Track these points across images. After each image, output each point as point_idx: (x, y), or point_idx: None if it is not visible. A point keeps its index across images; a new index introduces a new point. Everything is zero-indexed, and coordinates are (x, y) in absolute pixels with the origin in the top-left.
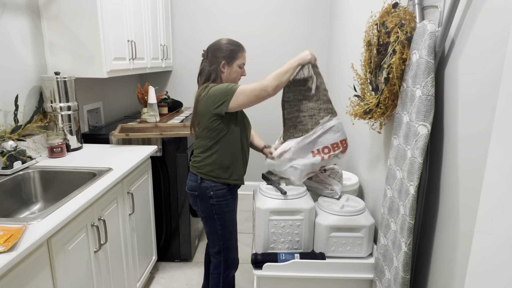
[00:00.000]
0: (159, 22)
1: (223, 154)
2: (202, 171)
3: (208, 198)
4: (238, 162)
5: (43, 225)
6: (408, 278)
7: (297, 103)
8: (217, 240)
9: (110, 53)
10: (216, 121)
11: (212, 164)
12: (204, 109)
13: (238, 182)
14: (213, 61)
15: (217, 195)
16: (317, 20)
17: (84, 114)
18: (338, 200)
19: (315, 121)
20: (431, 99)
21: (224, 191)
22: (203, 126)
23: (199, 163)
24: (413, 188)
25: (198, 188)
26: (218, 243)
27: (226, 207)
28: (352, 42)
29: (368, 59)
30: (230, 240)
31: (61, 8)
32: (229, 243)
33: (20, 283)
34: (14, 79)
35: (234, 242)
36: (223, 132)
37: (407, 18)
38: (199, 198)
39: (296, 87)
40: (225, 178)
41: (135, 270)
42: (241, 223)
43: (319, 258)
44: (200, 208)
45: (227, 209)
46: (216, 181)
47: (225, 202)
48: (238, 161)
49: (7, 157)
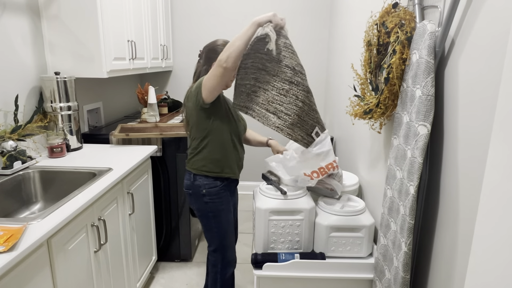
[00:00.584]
0: (159, 22)
1: (213, 149)
2: (194, 166)
3: (202, 196)
4: (229, 157)
5: (43, 225)
6: (408, 278)
7: (254, 71)
8: (213, 239)
9: (110, 53)
10: (203, 118)
11: (204, 159)
12: (190, 106)
13: (231, 176)
14: (206, 61)
15: (210, 193)
16: (317, 20)
17: (84, 114)
18: (338, 200)
19: (266, 97)
20: (431, 99)
21: (217, 189)
22: (193, 123)
23: (191, 159)
24: (413, 188)
25: (192, 186)
26: (214, 242)
27: (220, 204)
28: (352, 42)
29: (368, 59)
30: (226, 238)
31: (61, 8)
32: (225, 242)
33: (20, 283)
34: (14, 79)
35: (230, 241)
36: (211, 128)
37: (407, 18)
38: (193, 196)
39: (256, 54)
40: (217, 172)
41: (135, 270)
42: (241, 223)
43: (319, 258)
44: (195, 206)
45: (222, 207)
46: (209, 176)
47: (219, 200)
48: (230, 156)
49: (7, 157)
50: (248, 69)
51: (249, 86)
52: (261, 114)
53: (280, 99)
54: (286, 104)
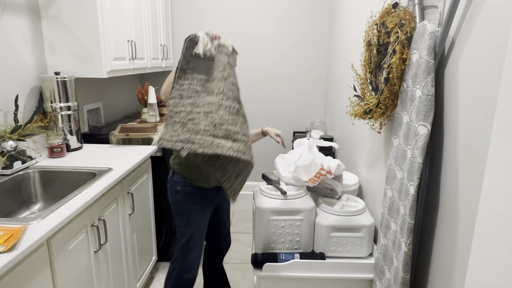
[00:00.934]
0: (159, 22)
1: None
2: (174, 166)
3: (176, 193)
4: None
5: (43, 225)
6: (408, 278)
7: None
8: (180, 235)
9: (110, 53)
10: None
11: (180, 164)
12: None
13: (205, 186)
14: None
15: (184, 191)
16: (317, 20)
17: (84, 114)
18: (338, 200)
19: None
20: (431, 99)
21: (192, 188)
22: None
23: (173, 158)
24: (413, 188)
25: (170, 181)
26: (180, 240)
27: (192, 204)
28: (352, 42)
29: (368, 59)
30: (191, 241)
31: (61, 8)
32: (190, 244)
33: (20, 283)
34: (14, 79)
35: (195, 246)
36: None
37: (407, 18)
38: (170, 190)
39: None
40: (192, 179)
41: (135, 270)
42: (241, 223)
43: (319, 258)
44: (170, 201)
45: (193, 207)
46: (186, 177)
47: (191, 199)
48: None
49: (7, 157)
50: (183, 91)
51: (184, 114)
52: (206, 143)
53: (232, 119)
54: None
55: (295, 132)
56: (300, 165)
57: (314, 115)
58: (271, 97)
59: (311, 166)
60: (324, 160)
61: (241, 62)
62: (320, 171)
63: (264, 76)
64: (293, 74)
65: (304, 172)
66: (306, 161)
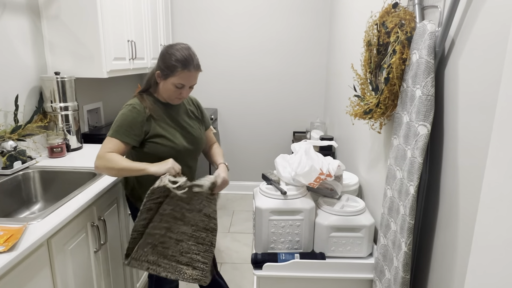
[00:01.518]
0: (159, 22)
1: None
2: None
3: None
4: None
5: (43, 225)
6: (408, 278)
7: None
8: None
9: (110, 53)
10: None
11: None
12: None
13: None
14: (157, 66)
15: None
16: (317, 20)
17: (84, 114)
18: (338, 200)
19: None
20: (431, 99)
21: None
22: None
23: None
24: (413, 188)
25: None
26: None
27: None
28: (352, 42)
29: (368, 59)
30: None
31: (61, 8)
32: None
33: (20, 283)
34: (14, 79)
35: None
36: None
37: (407, 18)
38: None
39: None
40: None
41: (135, 270)
42: (241, 223)
43: (319, 258)
44: None
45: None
46: None
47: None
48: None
49: (7, 157)
50: (163, 216)
51: (158, 237)
52: (171, 268)
53: (197, 249)
54: (203, 253)
55: (295, 132)
56: (299, 173)
57: (314, 115)
58: (271, 97)
59: (310, 172)
60: (323, 163)
61: (241, 62)
62: (320, 175)
63: (264, 76)
64: (293, 74)
65: (303, 178)
66: (305, 168)
